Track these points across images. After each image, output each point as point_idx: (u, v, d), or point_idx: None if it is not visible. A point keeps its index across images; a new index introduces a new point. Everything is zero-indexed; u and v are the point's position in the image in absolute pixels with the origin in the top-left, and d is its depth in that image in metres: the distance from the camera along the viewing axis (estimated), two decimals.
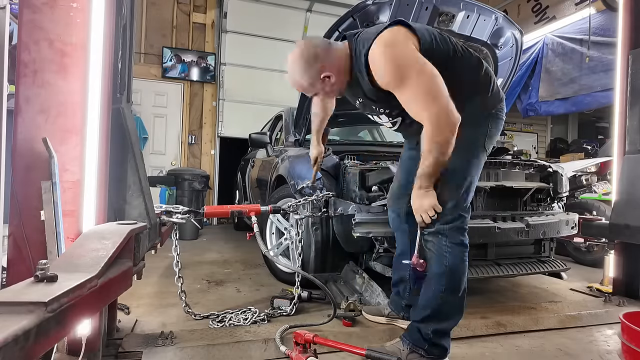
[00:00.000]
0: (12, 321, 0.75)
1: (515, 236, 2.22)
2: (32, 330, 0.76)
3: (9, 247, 1.33)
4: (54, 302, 0.84)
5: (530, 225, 2.26)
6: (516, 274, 2.33)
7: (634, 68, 2.51)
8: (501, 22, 2.71)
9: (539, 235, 2.32)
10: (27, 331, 0.75)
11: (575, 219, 2.62)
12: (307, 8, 6.71)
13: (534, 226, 2.27)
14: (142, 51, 6.36)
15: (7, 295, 0.86)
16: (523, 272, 2.35)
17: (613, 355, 1.76)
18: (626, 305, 2.37)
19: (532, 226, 2.26)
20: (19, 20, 1.37)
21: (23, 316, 0.78)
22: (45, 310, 0.81)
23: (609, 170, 4.07)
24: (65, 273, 1.00)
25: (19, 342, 0.72)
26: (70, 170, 1.37)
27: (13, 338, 0.71)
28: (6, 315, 0.77)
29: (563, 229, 2.47)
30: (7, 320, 0.75)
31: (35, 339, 0.77)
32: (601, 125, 8.52)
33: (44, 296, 0.84)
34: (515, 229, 2.22)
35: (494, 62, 3.01)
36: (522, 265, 2.37)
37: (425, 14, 2.53)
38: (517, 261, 2.40)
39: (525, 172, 2.57)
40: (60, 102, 1.37)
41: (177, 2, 6.58)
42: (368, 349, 1.45)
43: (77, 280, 0.96)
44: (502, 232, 2.18)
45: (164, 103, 6.51)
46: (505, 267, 2.30)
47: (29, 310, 0.80)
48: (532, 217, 2.36)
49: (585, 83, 5.38)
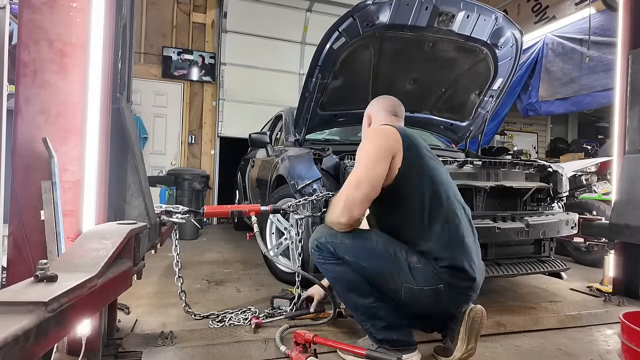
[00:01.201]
0: (12, 321, 0.75)
1: (515, 236, 2.22)
2: (32, 330, 0.76)
3: (9, 247, 1.33)
4: (53, 302, 0.84)
5: (530, 225, 2.26)
6: (516, 273, 2.33)
7: (634, 68, 2.51)
8: (501, 22, 2.72)
9: (539, 235, 2.32)
10: (27, 331, 0.75)
11: (575, 219, 2.62)
12: (307, 8, 6.71)
13: (534, 226, 2.27)
14: (142, 51, 6.36)
15: (7, 295, 0.86)
16: (523, 272, 2.34)
17: (613, 355, 1.76)
18: (626, 305, 2.37)
19: (532, 226, 2.26)
20: (19, 20, 1.37)
21: (23, 316, 0.78)
22: (45, 310, 0.81)
23: (609, 170, 4.07)
24: (65, 273, 1.00)
25: (19, 342, 0.72)
26: (70, 170, 1.37)
27: (13, 338, 0.70)
28: (6, 315, 0.77)
29: (563, 228, 2.46)
30: (7, 320, 0.74)
31: (35, 339, 0.77)
32: (601, 125, 8.53)
33: (44, 296, 0.84)
34: (515, 229, 2.22)
35: (493, 62, 3.01)
36: (522, 265, 2.37)
37: (425, 14, 2.53)
38: (517, 261, 2.40)
39: (525, 172, 2.57)
40: (60, 102, 1.37)
41: (177, 2, 6.58)
42: (368, 350, 1.45)
43: (77, 280, 0.96)
44: (502, 232, 2.17)
45: (164, 103, 6.51)
46: (506, 267, 2.30)
47: (28, 310, 0.80)
48: (532, 217, 2.35)
49: (585, 83, 5.38)
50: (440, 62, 2.96)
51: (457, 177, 2.30)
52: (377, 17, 2.47)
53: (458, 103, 3.37)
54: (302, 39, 6.84)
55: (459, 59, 2.96)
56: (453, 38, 2.74)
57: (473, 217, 2.21)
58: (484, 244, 2.28)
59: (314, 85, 2.78)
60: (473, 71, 3.08)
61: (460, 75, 3.12)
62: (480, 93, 3.27)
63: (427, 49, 2.81)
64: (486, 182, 2.34)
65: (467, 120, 3.51)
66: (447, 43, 2.79)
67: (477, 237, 1.65)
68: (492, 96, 3.28)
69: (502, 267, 2.29)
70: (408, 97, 3.21)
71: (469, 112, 3.44)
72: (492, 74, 3.10)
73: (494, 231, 2.15)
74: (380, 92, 3.14)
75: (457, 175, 2.31)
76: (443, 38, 2.74)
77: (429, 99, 3.33)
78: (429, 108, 3.42)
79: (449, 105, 3.39)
